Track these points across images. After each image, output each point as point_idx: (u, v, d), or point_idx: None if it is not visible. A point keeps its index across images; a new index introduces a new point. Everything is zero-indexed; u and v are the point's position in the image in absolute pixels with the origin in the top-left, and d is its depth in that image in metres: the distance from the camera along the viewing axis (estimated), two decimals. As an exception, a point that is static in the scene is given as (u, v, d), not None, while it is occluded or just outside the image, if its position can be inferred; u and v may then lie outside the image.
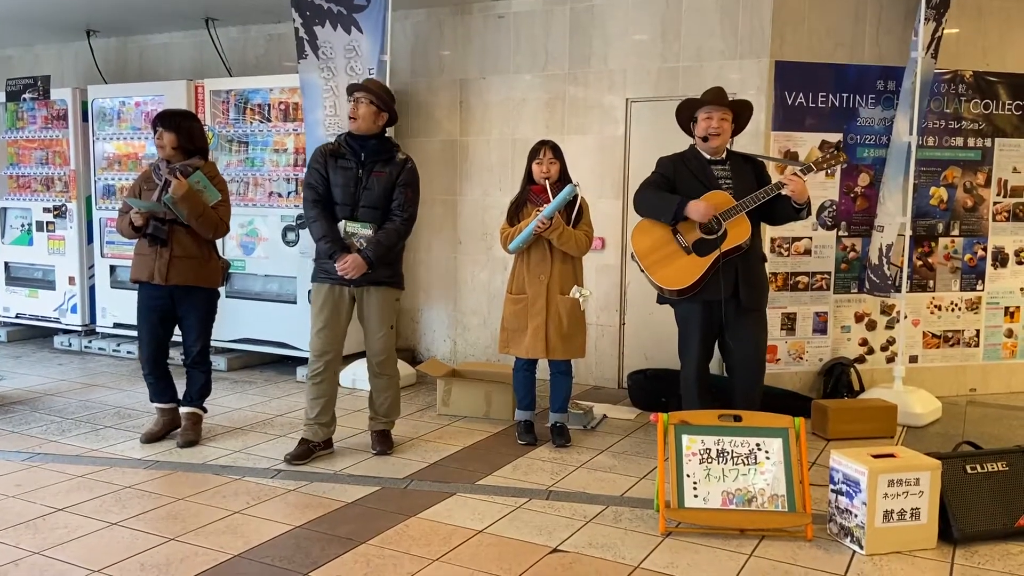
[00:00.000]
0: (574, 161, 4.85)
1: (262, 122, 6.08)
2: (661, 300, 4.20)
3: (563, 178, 4.37)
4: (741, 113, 4.07)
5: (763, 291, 4.09)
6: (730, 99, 4.07)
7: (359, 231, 4.05)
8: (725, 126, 3.98)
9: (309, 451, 4.15)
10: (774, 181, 3.94)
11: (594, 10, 5.67)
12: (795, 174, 3.84)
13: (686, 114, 4.10)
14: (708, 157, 4.04)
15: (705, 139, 3.98)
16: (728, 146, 4.09)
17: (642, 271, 4.05)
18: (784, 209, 3.94)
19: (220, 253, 4.63)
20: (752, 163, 4.12)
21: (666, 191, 4.01)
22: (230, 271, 4.85)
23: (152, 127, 4.34)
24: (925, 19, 4.77)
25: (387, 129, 4.24)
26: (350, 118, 4.07)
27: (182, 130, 4.28)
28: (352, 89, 4.14)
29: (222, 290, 6.00)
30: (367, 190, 4.07)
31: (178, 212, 4.17)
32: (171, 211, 4.17)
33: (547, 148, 4.34)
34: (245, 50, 6.99)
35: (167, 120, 4.28)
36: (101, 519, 3.41)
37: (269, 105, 6.05)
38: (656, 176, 4.10)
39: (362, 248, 4.03)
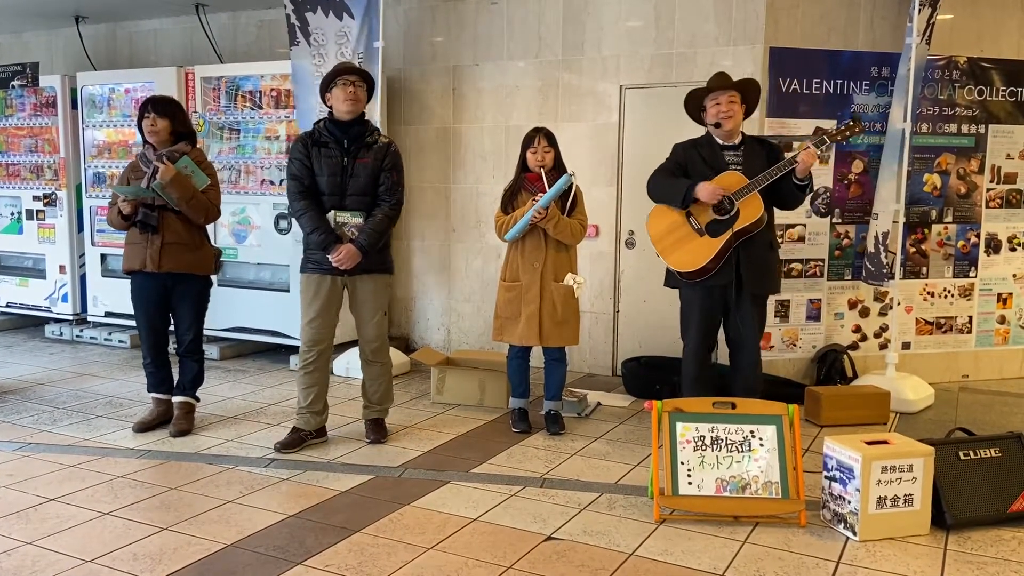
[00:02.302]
0: (568, 148, 4.83)
1: (253, 109, 6.03)
2: (668, 284, 4.20)
3: (558, 166, 4.35)
4: (748, 93, 4.02)
5: (765, 277, 4.06)
6: (733, 80, 4.03)
7: (349, 220, 4.03)
8: (735, 108, 3.96)
9: (300, 439, 4.14)
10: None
11: (587, -4, 5.64)
12: (807, 147, 3.82)
13: (694, 104, 4.08)
14: (721, 143, 4.02)
15: (718, 125, 3.96)
16: (742, 131, 4.07)
17: (657, 255, 4.06)
18: (789, 188, 3.92)
19: (212, 241, 4.60)
20: (767, 147, 4.10)
21: (678, 176, 4.00)
22: (222, 259, 4.82)
23: (141, 112, 4.28)
24: (920, 5, 4.75)
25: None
26: (347, 101, 3.99)
27: (176, 117, 4.30)
28: (342, 72, 4.04)
29: (214, 278, 6.01)
30: (353, 178, 4.04)
31: (167, 197, 4.15)
32: (160, 197, 4.15)
33: (541, 136, 4.31)
34: (236, 36, 6.93)
35: (160, 106, 4.27)
36: (93, 509, 3.40)
37: (260, 92, 6.00)
38: (669, 162, 4.10)
39: (355, 237, 4.01)
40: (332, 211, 4.03)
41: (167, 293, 4.33)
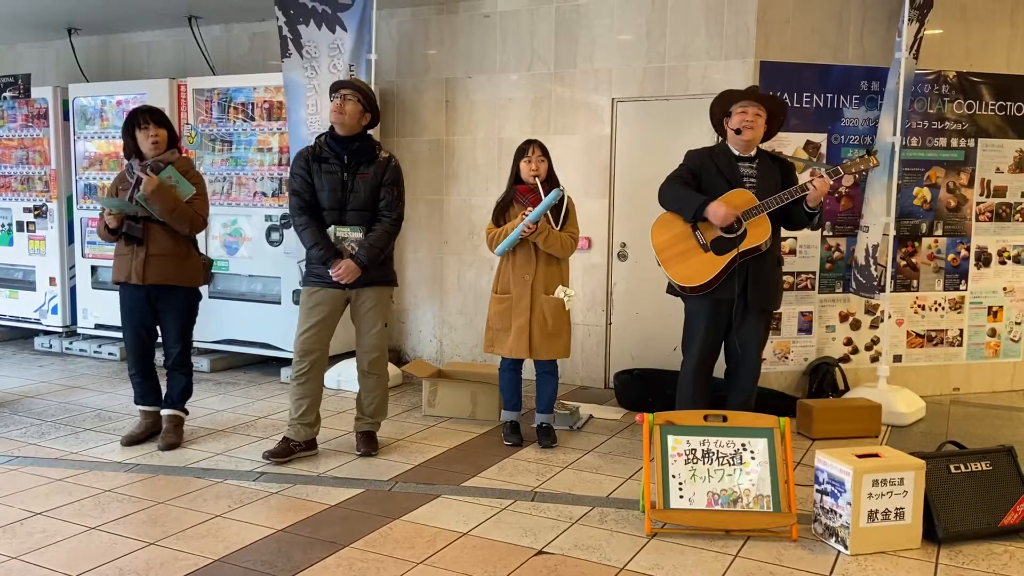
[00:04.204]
0: (560, 161, 4.83)
1: (246, 121, 6.03)
2: (671, 292, 4.18)
3: (551, 177, 4.35)
4: (775, 114, 4.02)
5: (772, 293, 4.05)
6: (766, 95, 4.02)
7: (349, 235, 4.04)
8: (759, 121, 3.94)
9: (290, 450, 4.12)
10: (800, 183, 3.90)
11: (579, 9, 5.66)
12: (821, 176, 3.81)
13: (721, 108, 4.05)
14: (737, 154, 4.01)
15: (738, 131, 3.93)
16: (759, 145, 4.06)
17: (658, 264, 4.04)
18: (798, 214, 3.91)
19: (202, 251, 4.56)
20: (780, 164, 4.08)
21: (692, 185, 3.98)
22: (213, 270, 4.80)
23: (133, 123, 4.22)
24: (908, 20, 4.79)
25: (368, 130, 4.19)
26: (333, 113, 4.03)
27: (169, 124, 4.31)
28: (338, 86, 4.10)
29: (205, 290, 5.96)
30: (354, 193, 4.05)
31: (151, 209, 4.13)
32: (145, 208, 4.13)
33: (535, 147, 4.32)
34: (228, 49, 6.93)
35: (156, 116, 4.25)
36: (80, 523, 3.37)
37: (253, 104, 6.00)
38: (683, 169, 4.06)
39: (355, 253, 4.02)
40: (332, 226, 4.04)
41: (153, 305, 4.31)
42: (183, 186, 4.19)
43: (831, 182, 3.82)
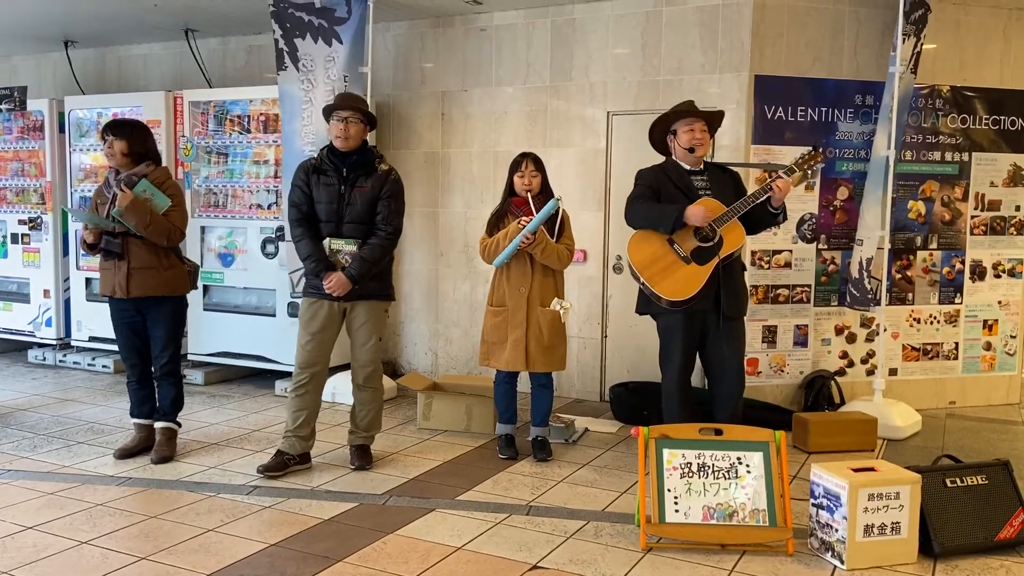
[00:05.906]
0: (556, 174, 4.84)
1: (242, 133, 6.03)
2: (641, 311, 4.18)
3: (545, 190, 4.36)
4: (713, 124, 4.14)
5: (742, 299, 4.11)
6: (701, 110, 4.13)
7: (343, 248, 4.04)
8: (706, 137, 4.05)
9: (284, 464, 4.10)
10: (761, 185, 3.96)
11: (575, 24, 5.69)
12: (779, 176, 3.88)
13: (662, 128, 4.12)
14: (687, 168, 4.07)
15: (691, 150, 4.00)
16: (705, 157, 4.16)
17: (643, 284, 4.02)
18: (763, 215, 3.97)
19: (188, 256, 4.52)
20: (729, 173, 4.18)
21: (654, 202, 4.02)
22: (208, 283, 4.78)
23: (101, 136, 4.26)
24: (903, 34, 4.81)
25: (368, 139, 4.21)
26: (338, 138, 4.03)
27: (132, 137, 4.22)
28: (335, 108, 4.07)
29: (200, 302, 5.96)
30: (350, 206, 4.05)
31: (128, 224, 4.12)
32: (121, 224, 4.12)
33: (528, 160, 4.33)
34: (225, 61, 6.95)
35: (117, 128, 4.22)
36: (71, 538, 3.34)
37: (249, 116, 6.00)
38: (643, 188, 4.10)
39: (347, 266, 4.01)
40: (328, 238, 4.05)
41: (142, 316, 4.29)
42: (158, 199, 4.16)
43: (790, 179, 3.89)
